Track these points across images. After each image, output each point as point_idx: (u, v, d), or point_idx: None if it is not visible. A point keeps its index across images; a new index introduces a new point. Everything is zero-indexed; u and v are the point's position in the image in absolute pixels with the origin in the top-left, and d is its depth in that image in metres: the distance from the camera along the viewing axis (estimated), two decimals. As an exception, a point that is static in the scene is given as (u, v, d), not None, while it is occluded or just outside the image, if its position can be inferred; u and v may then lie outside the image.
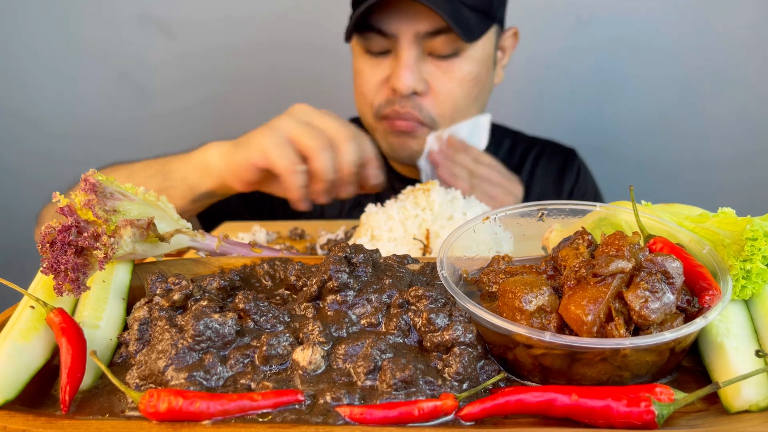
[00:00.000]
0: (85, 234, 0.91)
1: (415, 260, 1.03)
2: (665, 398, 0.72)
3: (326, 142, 1.55)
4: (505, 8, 1.99)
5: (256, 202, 2.10)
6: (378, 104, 1.91)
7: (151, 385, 0.80)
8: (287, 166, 1.53)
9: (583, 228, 0.90)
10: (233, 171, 1.61)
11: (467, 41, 1.76)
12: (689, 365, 0.85)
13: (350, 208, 2.11)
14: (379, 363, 0.79)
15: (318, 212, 2.13)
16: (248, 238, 1.70)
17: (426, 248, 1.34)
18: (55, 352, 0.85)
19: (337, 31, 1.87)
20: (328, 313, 0.89)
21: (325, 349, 0.82)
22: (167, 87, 2.88)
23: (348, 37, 1.85)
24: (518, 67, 2.43)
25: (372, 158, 1.64)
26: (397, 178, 2.14)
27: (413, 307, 0.87)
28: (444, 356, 0.81)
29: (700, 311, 0.79)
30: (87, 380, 0.81)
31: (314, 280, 0.91)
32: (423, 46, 1.80)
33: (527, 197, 1.93)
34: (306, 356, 0.80)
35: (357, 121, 2.16)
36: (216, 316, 0.83)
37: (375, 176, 1.65)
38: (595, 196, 2.25)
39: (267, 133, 1.56)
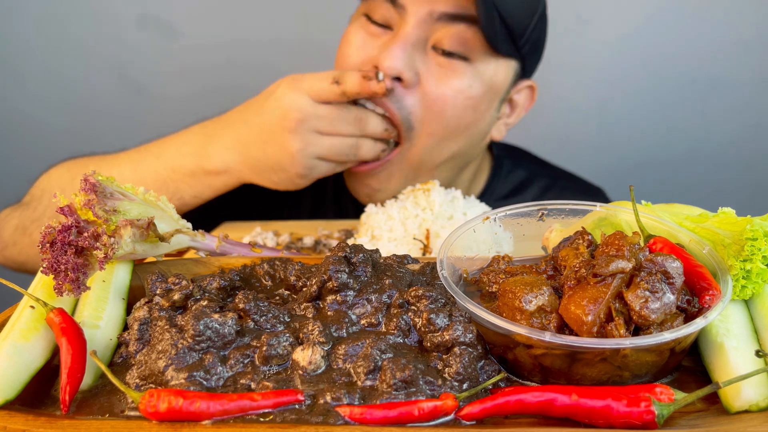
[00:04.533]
0: (85, 234, 0.91)
1: (415, 260, 1.03)
2: (665, 398, 0.72)
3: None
4: (536, 62, 1.71)
5: (255, 202, 2.04)
6: None
7: (151, 385, 0.80)
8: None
9: (583, 228, 0.90)
10: (253, 169, 1.57)
11: (489, 40, 1.48)
12: (689, 365, 0.85)
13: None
14: (379, 363, 0.79)
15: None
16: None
17: (426, 248, 1.33)
18: (55, 352, 0.85)
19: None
20: (328, 313, 0.89)
21: (325, 349, 0.82)
22: (167, 87, 2.88)
23: None
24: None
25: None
26: (353, 205, 1.84)
27: (413, 307, 0.87)
28: (444, 356, 0.81)
29: (700, 311, 0.79)
30: (87, 380, 0.81)
31: (314, 280, 0.91)
32: (430, 34, 1.52)
33: None
34: (306, 356, 0.80)
35: None
36: (216, 316, 0.83)
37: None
38: None
39: (297, 139, 1.48)
